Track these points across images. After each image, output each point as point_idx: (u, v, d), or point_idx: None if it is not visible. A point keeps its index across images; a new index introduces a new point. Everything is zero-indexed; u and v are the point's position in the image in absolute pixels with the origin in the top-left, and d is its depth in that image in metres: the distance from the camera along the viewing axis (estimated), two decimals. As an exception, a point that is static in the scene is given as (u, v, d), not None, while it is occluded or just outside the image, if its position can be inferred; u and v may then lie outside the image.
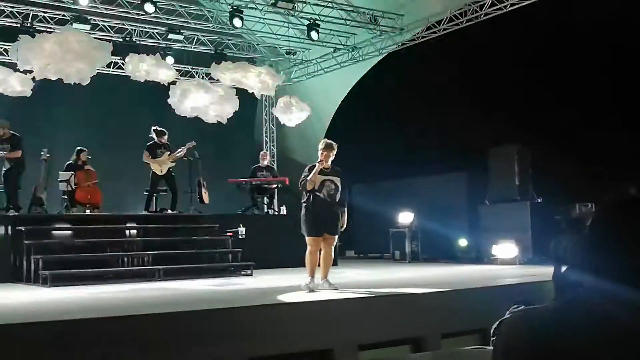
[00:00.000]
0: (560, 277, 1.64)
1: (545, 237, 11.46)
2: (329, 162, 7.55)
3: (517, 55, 14.34)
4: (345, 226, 7.72)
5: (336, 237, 7.62)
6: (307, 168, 7.65)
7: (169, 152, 11.91)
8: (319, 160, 7.51)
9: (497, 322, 1.91)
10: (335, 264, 12.34)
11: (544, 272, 8.49)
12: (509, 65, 14.55)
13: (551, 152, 13.09)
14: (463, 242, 13.05)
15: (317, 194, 7.46)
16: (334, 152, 7.57)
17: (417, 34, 14.02)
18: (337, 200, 7.53)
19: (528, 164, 12.73)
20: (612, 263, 1.48)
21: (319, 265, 7.53)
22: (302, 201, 7.63)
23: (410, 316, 6.45)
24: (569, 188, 12.74)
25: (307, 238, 7.49)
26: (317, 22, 13.72)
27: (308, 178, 7.43)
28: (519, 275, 9.42)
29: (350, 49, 15.13)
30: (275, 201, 14.36)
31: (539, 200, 12.57)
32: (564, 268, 1.65)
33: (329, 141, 7.75)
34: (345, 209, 7.69)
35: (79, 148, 11.99)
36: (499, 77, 14.79)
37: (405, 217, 13.72)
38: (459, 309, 6.77)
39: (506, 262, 11.54)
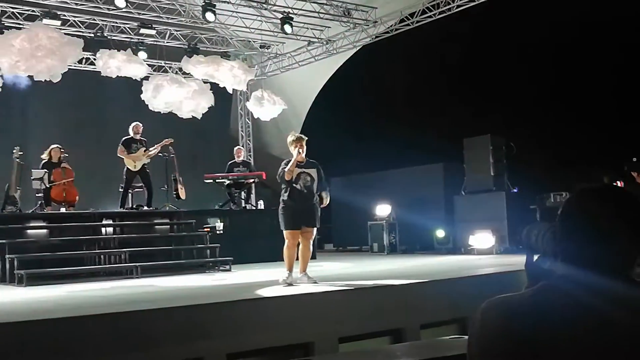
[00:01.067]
0: (532, 266, 1.66)
1: (521, 226, 11.58)
2: (303, 155, 7.53)
3: (491, 46, 14.45)
4: (325, 204, 7.70)
5: (314, 229, 7.60)
6: (284, 162, 7.63)
7: (144, 149, 11.80)
8: (297, 151, 7.47)
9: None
10: (314, 257, 12.34)
11: (521, 261, 8.56)
12: (483, 56, 14.66)
13: (525, 142, 13.23)
14: (440, 233, 13.14)
15: (295, 185, 7.45)
16: (304, 144, 7.56)
17: (391, 26, 14.04)
18: (314, 192, 7.51)
19: (502, 154, 12.83)
20: (583, 250, 1.50)
21: (297, 259, 7.53)
22: (281, 196, 7.60)
23: (389, 308, 6.47)
24: (544, 178, 12.90)
25: (284, 232, 7.48)
26: (290, 15, 13.67)
27: (286, 169, 7.41)
28: (496, 264, 9.51)
29: (325, 42, 15.11)
30: (253, 196, 14.32)
31: (515, 190, 12.69)
32: (535, 257, 1.67)
33: (298, 134, 7.78)
34: (328, 193, 7.69)
35: (54, 146, 11.80)
36: (473, 69, 14.90)
37: (383, 210, 13.78)
38: (437, 300, 6.82)
39: (483, 252, 11.65)
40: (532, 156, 13.40)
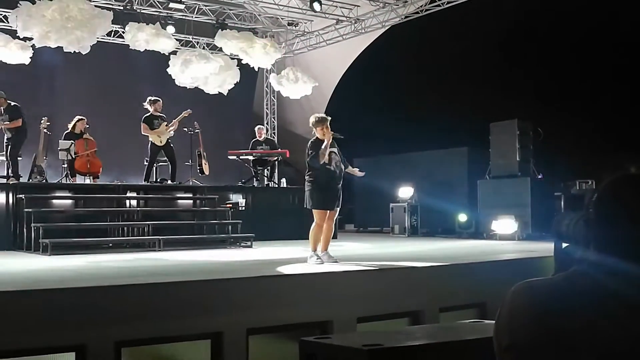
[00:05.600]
0: (561, 254, 1.65)
1: (545, 213, 11.48)
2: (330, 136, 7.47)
3: (520, 29, 14.23)
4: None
5: (338, 209, 7.58)
6: (310, 143, 7.48)
7: (165, 123, 11.86)
8: (327, 133, 7.34)
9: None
10: (335, 237, 12.41)
11: (543, 248, 8.52)
12: (512, 39, 14.46)
13: (552, 128, 13.06)
14: (462, 217, 13.06)
15: (328, 167, 7.35)
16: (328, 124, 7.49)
17: (421, 6, 13.87)
18: (342, 171, 7.49)
19: (529, 140, 12.69)
20: (615, 238, 1.48)
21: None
22: (308, 175, 7.50)
23: (409, 290, 6.47)
24: (570, 165, 12.75)
25: (316, 212, 7.38)
26: (319, -8, 13.57)
27: (320, 152, 7.25)
28: (518, 250, 9.45)
29: (353, 21, 14.99)
30: (276, 174, 14.35)
31: (540, 177, 12.56)
32: (564, 245, 1.66)
33: (321, 115, 7.76)
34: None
35: (78, 117, 11.92)
36: (502, 52, 14.70)
37: (405, 192, 13.73)
38: (458, 284, 6.80)
39: (505, 238, 11.57)
40: (559, 143, 13.23)
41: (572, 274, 1.51)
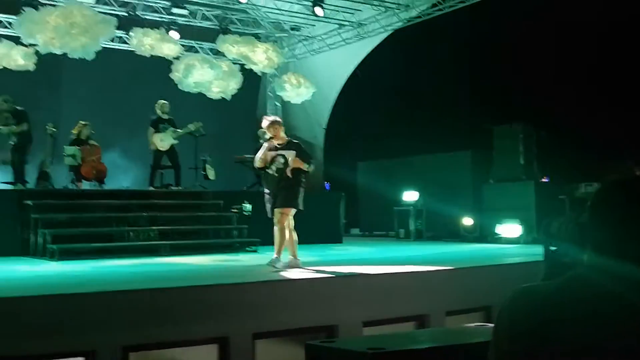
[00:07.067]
0: (550, 257, 1.67)
1: (549, 216, 11.48)
2: (281, 136, 7.50)
3: (523, 32, 14.24)
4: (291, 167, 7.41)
5: (287, 209, 7.42)
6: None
7: (172, 128, 11.91)
8: (268, 138, 7.50)
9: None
10: (340, 241, 12.46)
11: (548, 251, 8.51)
12: (515, 42, 14.47)
13: (556, 131, 13.07)
14: (467, 221, 13.06)
15: (267, 170, 7.47)
16: (277, 126, 7.54)
17: (423, 10, 13.90)
18: (284, 174, 7.36)
19: (533, 143, 12.69)
20: (612, 240, 1.50)
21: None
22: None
23: (414, 294, 6.49)
24: (574, 167, 12.74)
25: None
26: (322, -3, 13.61)
27: (257, 156, 7.48)
28: (523, 254, 9.46)
29: (356, 26, 15.02)
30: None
31: (545, 180, 12.56)
32: (552, 248, 1.68)
33: (272, 118, 7.85)
34: (308, 164, 7.53)
35: (82, 123, 11.96)
36: (504, 55, 14.72)
37: (410, 196, 13.75)
38: (463, 287, 6.82)
39: (510, 241, 11.58)
40: (563, 145, 13.23)
41: (571, 279, 1.52)
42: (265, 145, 7.49)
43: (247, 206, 11.45)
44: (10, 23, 13.01)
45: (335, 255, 9.71)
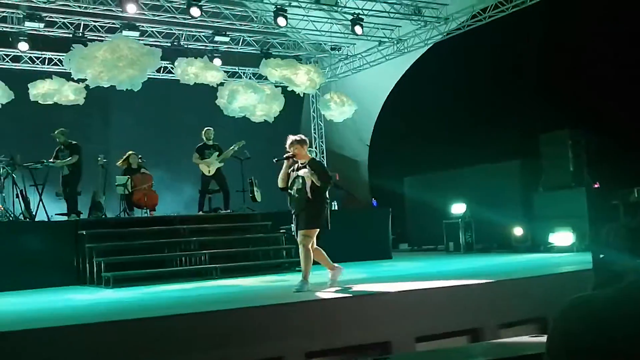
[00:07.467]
0: (600, 265, 1.63)
1: (602, 223, 11.21)
2: (303, 155, 7.32)
3: (565, 38, 14.04)
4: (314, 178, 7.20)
5: (310, 231, 7.32)
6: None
7: (217, 153, 12.10)
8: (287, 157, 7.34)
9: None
10: (389, 257, 12.40)
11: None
12: (557, 48, 14.26)
13: (606, 135, 12.79)
14: (518, 231, 12.84)
15: (289, 191, 7.38)
16: (301, 146, 7.34)
17: (462, 22, 13.87)
18: (305, 195, 7.21)
19: (582, 149, 12.45)
20: None
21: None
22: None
23: (467, 307, 6.42)
24: (626, 172, 12.42)
25: None
26: (360, 16, 13.72)
27: (279, 177, 7.40)
28: (577, 263, 9.26)
29: (395, 42, 15.08)
30: (327, 197, 14.40)
31: (596, 186, 12.29)
32: (601, 256, 1.64)
33: (295, 136, 7.53)
34: (313, 173, 7.21)
35: (130, 152, 12.26)
36: (548, 62, 14.52)
37: (458, 208, 13.62)
38: (516, 299, 6.71)
39: (563, 250, 11.35)
40: (613, 149, 12.92)
41: (628, 289, 1.47)
42: (285, 163, 7.39)
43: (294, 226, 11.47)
44: (60, 60, 13.47)
45: (385, 272, 9.67)
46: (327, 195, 7.49)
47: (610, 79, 13.68)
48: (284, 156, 7.37)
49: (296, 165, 7.35)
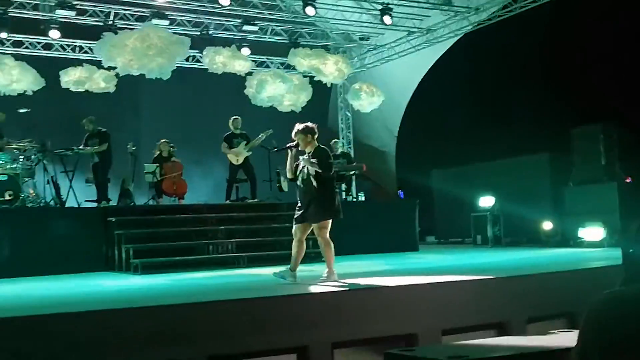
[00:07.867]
0: (630, 260, 1.60)
1: (634, 218, 11.03)
2: (309, 146, 7.09)
3: (596, 29, 13.80)
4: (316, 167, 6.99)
5: (324, 222, 7.24)
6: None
7: (245, 142, 12.13)
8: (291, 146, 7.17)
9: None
10: (416, 249, 12.35)
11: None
12: (588, 40, 14.03)
13: (639, 129, 12.57)
14: (547, 225, 12.69)
15: (296, 182, 7.23)
16: (304, 135, 7.07)
17: (493, 13, 13.69)
18: (312, 185, 7.05)
19: (614, 143, 12.24)
20: None
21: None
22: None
23: (494, 301, 6.36)
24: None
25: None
26: (390, 6, 13.61)
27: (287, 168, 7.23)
28: (607, 258, 9.12)
29: (425, 32, 14.93)
30: (354, 188, 14.39)
31: (628, 180, 12.09)
32: (631, 250, 1.61)
33: (300, 125, 7.22)
34: (314, 163, 6.98)
35: (162, 140, 12.35)
36: (578, 54, 14.29)
37: (487, 201, 13.50)
38: (545, 293, 6.63)
39: (593, 245, 11.19)
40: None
41: None
42: (289, 153, 7.22)
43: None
44: (90, 48, 13.61)
45: (412, 264, 9.63)
46: (335, 185, 7.37)
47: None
48: (286, 145, 7.27)
49: (306, 155, 7.15)
